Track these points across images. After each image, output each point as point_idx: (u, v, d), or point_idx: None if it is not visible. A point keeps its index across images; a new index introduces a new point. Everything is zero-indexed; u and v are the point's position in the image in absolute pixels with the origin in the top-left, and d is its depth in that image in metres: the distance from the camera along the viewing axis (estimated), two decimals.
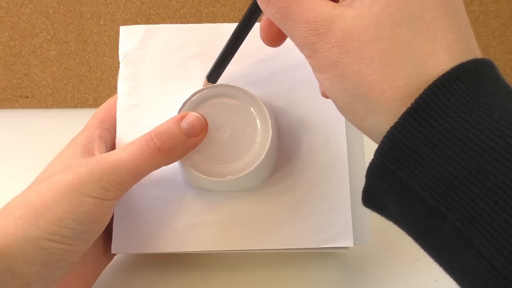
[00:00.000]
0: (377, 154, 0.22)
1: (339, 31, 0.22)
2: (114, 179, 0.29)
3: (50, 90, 0.57)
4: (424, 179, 0.20)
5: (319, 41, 0.23)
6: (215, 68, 0.34)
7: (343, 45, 0.22)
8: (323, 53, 0.23)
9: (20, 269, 0.27)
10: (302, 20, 0.23)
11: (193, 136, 0.32)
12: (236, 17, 0.59)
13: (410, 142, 0.20)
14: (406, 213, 0.22)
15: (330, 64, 0.23)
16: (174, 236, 0.34)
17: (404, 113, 0.21)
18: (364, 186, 0.24)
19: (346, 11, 0.23)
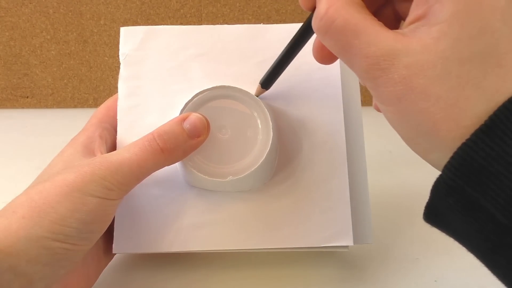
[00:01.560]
0: (445, 170, 0.21)
1: (402, 67, 0.21)
2: (117, 179, 0.29)
3: (50, 90, 0.57)
4: (496, 197, 0.20)
5: (381, 76, 0.22)
6: (271, 75, 0.34)
7: (407, 81, 0.21)
8: (386, 88, 0.22)
9: (23, 269, 0.27)
10: (362, 54, 0.22)
11: (195, 137, 0.32)
12: (236, 17, 0.59)
13: (482, 159, 0.20)
14: (473, 230, 0.21)
15: (393, 99, 0.22)
16: (174, 236, 0.34)
17: (477, 130, 0.20)
18: (428, 202, 0.23)
19: (410, 44, 0.21)
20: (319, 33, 0.24)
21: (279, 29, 0.38)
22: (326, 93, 0.36)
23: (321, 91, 0.36)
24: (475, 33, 0.20)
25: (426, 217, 0.23)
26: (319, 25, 0.24)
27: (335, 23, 0.23)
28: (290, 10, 0.59)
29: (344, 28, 0.23)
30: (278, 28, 0.38)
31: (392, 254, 0.39)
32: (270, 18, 0.60)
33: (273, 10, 0.59)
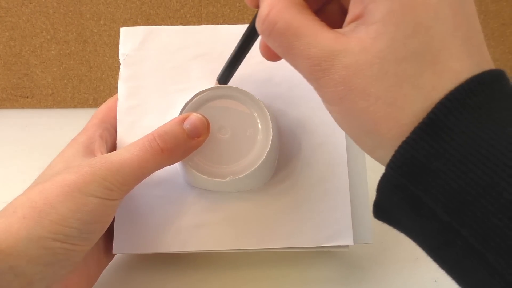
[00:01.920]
0: (388, 169, 0.21)
1: (342, 68, 0.21)
2: (117, 179, 0.29)
3: (50, 90, 0.57)
4: (437, 195, 0.20)
5: (323, 77, 0.22)
6: (226, 70, 0.34)
7: (347, 81, 0.21)
8: (328, 88, 0.22)
9: (23, 269, 0.27)
10: (304, 55, 0.23)
11: (195, 137, 0.32)
12: (236, 17, 0.59)
13: (422, 157, 0.20)
14: (418, 227, 0.21)
15: (335, 99, 0.22)
16: (175, 236, 0.34)
17: (416, 128, 0.20)
18: (375, 200, 0.23)
19: (349, 44, 0.22)
20: (263, 35, 0.24)
21: None
22: None
23: None
24: (410, 32, 0.20)
25: (375, 214, 0.24)
26: (262, 28, 0.24)
27: (277, 25, 0.23)
28: None
29: (285, 30, 0.23)
30: None
31: (392, 254, 0.39)
32: None
33: None
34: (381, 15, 0.21)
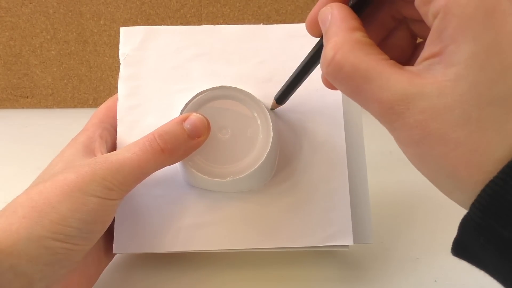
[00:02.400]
0: (473, 209, 0.20)
1: (418, 112, 0.20)
2: (117, 179, 0.29)
3: (50, 90, 0.57)
4: None
5: (397, 120, 0.21)
6: (286, 91, 0.34)
7: (423, 126, 0.20)
8: (403, 132, 0.21)
9: (24, 268, 0.27)
10: (375, 99, 0.22)
11: (195, 137, 0.32)
12: (236, 17, 0.59)
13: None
14: (506, 268, 0.20)
15: (411, 143, 0.21)
16: (175, 236, 0.34)
17: (505, 166, 0.19)
18: (456, 238, 0.22)
19: (425, 87, 0.20)
20: (328, 77, 0.23)
21: (279, 29, 0.38)
22: (326, 93, 0.36)
23: (321, 91, 0.36)
24: (495, 75, 0.19)
25: (454, 251, 0.23)
26: (327, 70, 0.23)
27: (344, 69, 0.22)
28: (290, 10, 0.59)
29: (353, 74, 0.22)
30: (278, 28, 0.38)
31: (392, 254, 0.39)
32: (270, 18, 0.60)
33: (273, 10, 0.59)
34: (463, 57, 0.19)
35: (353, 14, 0.24)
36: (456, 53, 0.20)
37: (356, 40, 0.23)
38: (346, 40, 0.23)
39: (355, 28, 0.23)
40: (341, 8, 0.25)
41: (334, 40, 0.23)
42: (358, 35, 0.23)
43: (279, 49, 0.37)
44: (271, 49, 0.37)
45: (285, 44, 0.37)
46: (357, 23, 0.24)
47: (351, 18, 0.24)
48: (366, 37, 0.23)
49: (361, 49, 0.22)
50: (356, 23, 0.24)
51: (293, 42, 0.37)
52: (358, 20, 0.24)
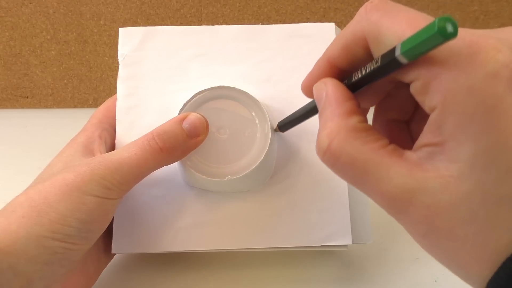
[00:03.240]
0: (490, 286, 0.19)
1: (422, 207, 0.20)
2: (116, 178, 0.29)
3: (50, 90, 0.57)
4: None
5: (401, 213, 0.20)
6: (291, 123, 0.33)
7: (429, 221, 0.20)
8: (408, 225, 0.21)
9: (23, 268, 0.27)
10: (376, 191, 0.21)
11: (194, 137, 0.32)
12: (236, 17, 0.59)
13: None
14: None
15: (417, 235, 0.21)
16: (173, 236, 0.34)
17: None
18: None
19: (428, 181, 0.19)
20: (325, 164, 0.23)
21: (278, 30, 0.38)
22: None
23: None
24: (501, 176, 0.18)
25: None
26: (323, 159, 0.22)
27: (340, 160, 0.21)
28: (290, 10, 0.59)
29: (351, 165, 0.21)
30: (277, 28, 0.38)
31: (392, 253, 0.39)
32: (270, 18, 0.60)
33: (273, 10, 0.59)
34: (465, 156, 0.19)
35: (348, 93, 0.23)
36: (457, 151, 0.19)
37: (352, 127, 0.22)
38: (341, 128, 0.22)
39: (350, 112, 0.22)
40: (335, 87, 0.23)
41: (329, 126, 0.22)
42: (354, 120, 0.22)
43: (278, 49, 0.37)
44: (270, 49, 0.37)
45: (284, 44, 0.37)
46: (352, 105, 0.22)
47: (346, 99, 0.23)
48: (363, 121, 0.22)
49: (357, 138, 0.21)
50: (351, 105, 0.22)
51: (292, 42, 0.37)
52: (354, 101, 0.23)
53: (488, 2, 0.60)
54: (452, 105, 0.19)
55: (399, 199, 0.20)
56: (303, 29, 0.37)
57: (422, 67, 0.20)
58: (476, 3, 0.60)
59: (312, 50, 0.37)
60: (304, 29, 0.37)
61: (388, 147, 0.21)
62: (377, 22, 0.21)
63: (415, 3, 0.60)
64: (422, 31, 0.18)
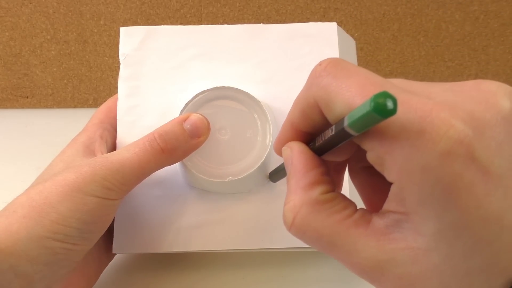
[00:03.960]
0: None
1: (394, 279, 0.19)
2: (117, 179, 0.29)
3: (50, 90, 0.57)
4: None
5: (374, 283, 0.20)
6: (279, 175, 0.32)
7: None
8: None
9: (24, 269, 0.27)
10: (346, 263, 0.20)
11: (195, 137, 0.32)
12: (236, 17, 0.59)
13: None
14: None
15: None
16: (174, 236, 0.34)
17: None
18: None
19: (397, 253, 0.19)
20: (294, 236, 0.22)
21: (279, 29, 0.38)
22: None
23: None
24: (468, 249, 0.18)
25: None
26: (290, 232, 0.22)
27: (306, 234, 0.21)
28: (290, 10, 0.59)
29: (317, 240, 0.21)
30: (279, 28, 0.38)
31: None
32: (270, 18, 0.60)
33: (273, 10, 0.59)
34: (430, 231, 0.18)
35: (313, 160, 0.22)
36: (422, 225, 0.18)
37: (314, 200, 0.21)
38: (304, 202, 0.21)
39: (314, 183, 0.22)
40: (300, 155, 0.23)
41: (292, 200, 0.22)
42: (317, 192, 0.21)
43: (279, 49, 0.37)
44: (271, 49, 0.37)
45: (284, 44, 0.37)
46: (316, 174, 0.22)
47: (310, 168, 0.22)
48: (327, 191, 0.21)
49: (321, 211, 0.21)
50: (315, 174, 0.22)
51: (293, 42, 0.37)
52: (319, 169, 0.22)
53: (488, 2, 0.60)
54: (408, 184, 0.18)
55: (370, 271, 0.20)
56: (305, 28, 0.37)
57: (375, 139, 0.19)
58: (476, 3, 0.60)
59: (314, 50, 0.37)
60: (306, 28, 0.37)
61: (354, 216, 0.21)
62: (327, 88, 0.20)
63: (415, 3, 0.60)
64: (360, 107, 0.17)
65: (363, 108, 0.17)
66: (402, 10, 0.60)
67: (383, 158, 0.19)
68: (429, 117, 0.17)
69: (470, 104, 0.18)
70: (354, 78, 0.20)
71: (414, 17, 0.60)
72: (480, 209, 0.17)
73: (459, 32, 0.61)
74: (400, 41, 0.61)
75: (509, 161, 0.18)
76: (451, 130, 0.17)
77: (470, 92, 0.19)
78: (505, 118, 0.18)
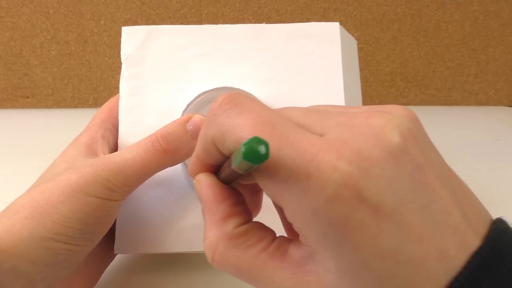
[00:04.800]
0: None
1: None
2: (119, 180, 0.29)
3: (50, 90, 0.57)
4: None
5: None
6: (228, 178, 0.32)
7: None
8: None
9: (25, 269, 0.27)
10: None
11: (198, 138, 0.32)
12: (236, 17, 0.59)
13: None
14: None
15: None
16: (176, 236, 0.34)
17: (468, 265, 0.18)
18: None
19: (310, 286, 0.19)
20: None
21: (282, 29, 0.38)
22: (328, 95, 0.36)
23: (323, 92, 0.36)
24: (369, 286, 0.18)
25: None
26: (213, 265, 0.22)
27: (227, 269, 0.21)
28: (290, 10, 0.59)
29: (237, 273, 0.21)
30: (281, 27, 0.38)
31: None
32: (270, 18, 0.60)
33: (273, 10, 0.59)
34: (332, 269, 0.19)
35: (222, 191, 0.23)
36: (326, 262, 0.19)
37: (229, 235, 0.21)
38: (219, 238, 0.21)
39: (226, 217, 0.22)
40: (208, 189, 0.23)
41: (208, 237, 0.22)
42: (230, 227, 0.21)
43: (281, 48, 0.37)
44: (273, 49, 0.37)
45: (287, 44, 0.37)
46: (227, 207, 0.22)
47: (221, 201, 0.22)
48: (241, 223, 0.22)
49: (237, 246, 0.21)
50: (226, 207, 0.22)
51: (295, 41, 0.37)
52: (230, 199, 0.22)
53: (488, 2, 0.60)
54: (303, 226, 0.19)
55: None
56: (307, 28, 0.37)
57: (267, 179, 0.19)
58: (476, 3, 0.60)
59: (317, 50, 0.37)
60: (308, 28, 0.37)
61: (270, 249, 0.21)
62: (221, 127, 0.20)
63: (415, 3, 0.60)
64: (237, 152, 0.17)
65: (239, 153, 0.17)
66: (402, 10, 0.60)
67: (277, 199, 0.19)
68: (315, 160, 0.18)
69: (359, 141, 0.18)
70: (247, 115, 0.20)
71: (414, 17, 0.60)
72: (375, 247, 0.17)
73: (458, 32, 0.61)
74: (400, 41, 0.61)
75: (401, 196, 0.18)
76: (335, 174, 0.17)
77: (360, 128, 0.19)
78: (393, 153, 0.18)
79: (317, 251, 0.19)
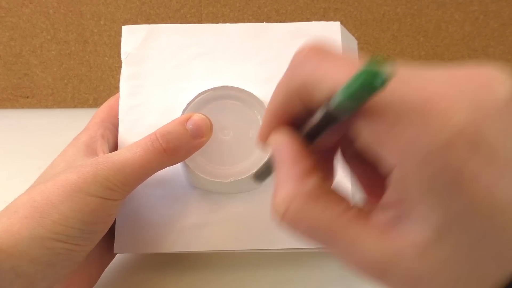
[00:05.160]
0: None
1: (400, 277, 0.18)
2: (119, 179, 0.29)
3: (50, 90, 0.57)
4: None
5: (377, 281, 0.19)
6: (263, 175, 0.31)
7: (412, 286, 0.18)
8: None
9: (25, 269, 0.27)
10: (345, 259, 0.19)
11: (198, 138, 0.32)
12: (236, 17, 0.59)
13: None
14: None
15: None
16: (176, 236, 0.34)
17: None
18: None
19: (401, 251, 0.18)
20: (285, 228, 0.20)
21: (283, 28, 0.38)
22: None
23: None
24: (475, 240, 0.17)
25: None
26: (281, 224, 0.20)
27: (301, 226, 0.20)
28: (290, 10, 0.59)
29: (313, 233, 0.20)
30: (282, 27, 0.38)
31: None
32: (270, 18, 0.60)
33: (273, 10, 0.59)
34: (434, 224, 0.17)
35: (303, 149, 0.21)
36: (427, 216, 0.17)
37: (309, 192, 0.20)
38: (298, 193, 0.20)
39: (307, 172, 0.20)
40: (290, 144, 0.21)
41: (284, 191, 0.20)
42: (311, 183, 0.20)
43: (282, 48, 0.37)
44: (274, 48, 0.37)
45: (288, 43, 0.37)
46: (309, 164, 0.21)
47: (302, 158, 0.21)
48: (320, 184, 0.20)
49: (317, 203, 0.20)
50: (308, 163, 0.21)
51: (296, 41, 0.37)
52: (311, 158, 0.21)
53: (488, 2, 0.60)
54: (411, 172, 0.17)
55: (373, 269, 0.19)
56: (308, 27, 0.37)
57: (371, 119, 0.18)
58: (476, 3, 0.60)
59: None
60: (309, 27, 0.37)
61: (351, 211, 0.20)
62: (314, 71, 0.19)
63: (415, 3, 0.60)
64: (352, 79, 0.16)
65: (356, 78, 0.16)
66: (402, 10, 0.60)
67: (382, 140, 0.18)
68: (431, 102, 0.17)
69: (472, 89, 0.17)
70: (340, 60, 0.19)
71: (414, 17, 0.60)
72: (487, 198, 0.17)
73: (459, 32, 0.61)
74: (400, 41, 0.61)
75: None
76: (455, 117, 0.16)
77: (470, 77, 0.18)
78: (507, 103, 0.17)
79: (417, 203, 0.18)
